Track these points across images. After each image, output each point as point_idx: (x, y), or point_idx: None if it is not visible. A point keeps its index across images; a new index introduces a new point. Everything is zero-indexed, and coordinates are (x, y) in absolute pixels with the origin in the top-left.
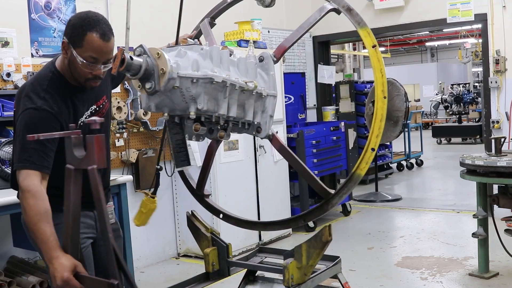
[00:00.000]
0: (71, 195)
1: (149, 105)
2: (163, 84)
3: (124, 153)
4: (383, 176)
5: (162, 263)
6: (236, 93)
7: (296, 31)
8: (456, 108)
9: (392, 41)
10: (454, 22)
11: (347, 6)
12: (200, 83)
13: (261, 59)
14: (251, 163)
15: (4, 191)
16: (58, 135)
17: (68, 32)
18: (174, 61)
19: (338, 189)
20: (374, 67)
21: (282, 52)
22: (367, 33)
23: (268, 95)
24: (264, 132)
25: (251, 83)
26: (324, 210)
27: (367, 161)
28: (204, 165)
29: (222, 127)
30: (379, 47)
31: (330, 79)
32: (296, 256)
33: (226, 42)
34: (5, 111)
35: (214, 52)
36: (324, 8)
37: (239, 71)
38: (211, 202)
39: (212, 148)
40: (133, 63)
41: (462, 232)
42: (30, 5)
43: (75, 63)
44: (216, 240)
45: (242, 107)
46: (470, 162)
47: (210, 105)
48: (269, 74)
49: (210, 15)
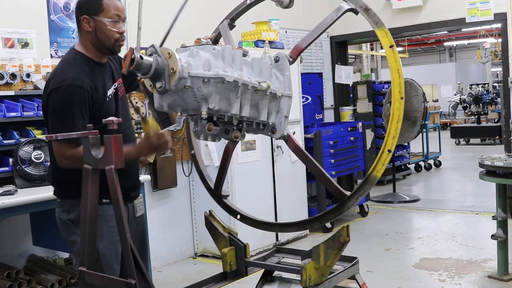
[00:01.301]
0: (88, 195)
1: (161, 105)
2: (174, 83)
3: None
4: (401, 177)
5: (180, 262)
6: (249, 93)
7: (313, 31)
8: (475, 109)
9: (410, 41)
10: (473, 21)
11: (365, 6)
12: (212, 82)
13: (276, 59)
14: (269, 164)
15: (24, 190)
16: (76, 135)
17: (84, 8)
18: (185, 61)
19: (354, 191)
20: (391, 67)
21: (298, 52)
22: (384, 33)
23: (283, 95)
24: (279, 132)
25: (264, 83)
26: (339, 212)
27: (384, 163)
28: (221, 166)
29: (237, 128)
30: (397, 47)
31: (347, 79)
32: (314, 257)
33: (243, 43)
34: (25, 111)
35: (226, 52)
36: (341, 8)
37: (252, 71)
38: (228, 203)
39: (228, 149)
40: (143, 62)
41: (481, 233)
42: (50, 6)
43: (102, 27)
44: (233, 240)
45: (256, 108)
46: (489, 163)
47: (222, 104)
48: (284, 75)
49: (229, 17)
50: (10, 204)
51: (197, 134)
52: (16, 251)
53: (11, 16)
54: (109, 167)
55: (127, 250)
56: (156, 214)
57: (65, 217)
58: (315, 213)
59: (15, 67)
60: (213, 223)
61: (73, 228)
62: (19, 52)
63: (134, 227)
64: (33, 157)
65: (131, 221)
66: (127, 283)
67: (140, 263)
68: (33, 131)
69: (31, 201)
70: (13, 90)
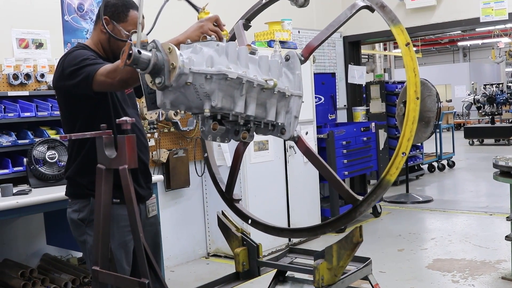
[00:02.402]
0: (102, 195)
1: (164, 102)
2: (174, 79)
3: (155, 153)
4: (414, 177)
5: (192, 262)
6: (255, 91)
7: (326, 29)
8: (489, 109)
9: (424, 40)
10: (488, 21)
11: (381, 3)
12: (214, 79)
13: (287, 58)
14: (281, 164)
15: (38, 190)
16: (90, 135)
17: (110, 10)
18: (187, 57)
19: (366, 196)
20: (407, 65)
21: (311, 51)
22: (400, 31)
23: (292, 95)
24: (289, 133)
25: (271, 81)
26: (352, 217)
27: (398, 166)
28: (232, 169)
29: (245, 128)
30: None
31: (360, 79)
32: (326, 257)
33: (256, 43)
34: (39, 111)
35: (230, 49)
36: (355, 6)
37: (260, 69)
38: (240, 207)
39: (239, 151)
40: (140, 57)
41: (494, 234)
42: (64, 7)
43: (117, 36)
44: (246, 240)
45: (263, 107)
46: (503, 164)
47: (226, 102)
48: (294, 74)
49: (245, 17)
50: (24, 204)
51: (205, 134)
52: (30, 250)
53: (25, 17)
54: (123, 167)
55: (140, 249)
56: (169, 214)
57: (76, 216)
58: (327, 214)
59: (29, 67)
60: (226, 223)
61: (83, 228)
62: (33, 53)
63: (147, 227)
64: (47, 157)
65: (144, 222)
66: (140, 282)
67: (153, 263)
68: (47, 131)
69: (45, 200)
70: (28, 90)
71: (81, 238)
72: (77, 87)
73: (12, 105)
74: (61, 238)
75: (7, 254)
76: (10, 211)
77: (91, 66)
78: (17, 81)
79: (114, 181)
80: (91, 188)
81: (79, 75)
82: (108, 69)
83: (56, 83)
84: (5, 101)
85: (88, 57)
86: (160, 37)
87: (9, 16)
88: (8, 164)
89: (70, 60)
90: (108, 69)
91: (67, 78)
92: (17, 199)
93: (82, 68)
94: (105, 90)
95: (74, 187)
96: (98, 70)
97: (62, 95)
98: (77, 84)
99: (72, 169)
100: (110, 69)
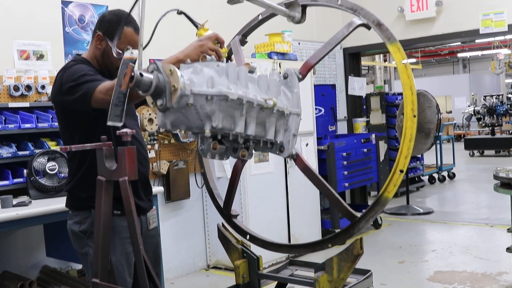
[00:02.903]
0: (102, 206)
1: (164, 123)
2: (175, 101)
3: (155, 165)
4: (415, 189)
5: (192, 274)
6: (255, 111)
7: (324, 47)
8: (489, 120)
9: (424, 52)
10: (487, 32)
11: (377, 21)
12: (215, 100)
13: (285, 76)
14: (281, 175)
15: (38, 202)
16: (90, 147)
17: (104, 26)
18: (188, 78)
19: (365, 213)
20: (404, 84)
21: (308, 69)
22: (397, 49)
23: (291, 113)
24: (287, 151)
25: (270, 101)
26: (350, 234)
27: (395, 184)
28: (230, 185)
29: (244, 146)
30: (410, 58)
31: (360, 90)
32: (327, 269)
33: (256, 54)
34: (40, 122)
35: (230, 69)
36: (352, 23)
37: (259, 88)
38: (238, 222)
39: (237, 168)
40: (142, 79)
41: (496, 246)
42: (65, 18)
43: (109, 53)
44: (246, 252)
45: (262, 126)
46: (504, 175)
47: (226, 123)
48: (292, 92)
49: (241, 33)
50: (24, 215)
51: (204, 153)
52: (30, 262)
53: (26, 28)
54: (123, 178)
55: (140, 262)
56: (169, 225)
57: (77, 228)
58: (328, 225)
59: (30, 79)
60: (226, 235)
61: (85, 240)
62: (34, 64)
63: (148, 239)
64: (47, 168)
65: (144, 234)
66: None
67: (153, 275)
68: (47, 142)
69: (45, 212)
70: (28, 102)
71: (83, 250)
72: (75, 103)
73: (13, 117)
74: (61, 250)
75: (7, 266)
76: (9, 222)
77: (90, 82)
78: (18, 93)
79: (115, 193)
80: (92, 201)
81: (78, 91)
82: (107, 87)
83: (54, 97)
84: (5, 112)
85: (86, 73)
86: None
87: (10, 28)
88: (8, 175)
89: (68, 75)
90: (108, 86)
91: (65, 93)
92: (17, 211)
93: (81, 84)
94: (104, 107)
95: (75, 200)
96: (97, 87)
97: (60, 109)
98: (75, 100)
99: (72, 183)
100: (109, 87)
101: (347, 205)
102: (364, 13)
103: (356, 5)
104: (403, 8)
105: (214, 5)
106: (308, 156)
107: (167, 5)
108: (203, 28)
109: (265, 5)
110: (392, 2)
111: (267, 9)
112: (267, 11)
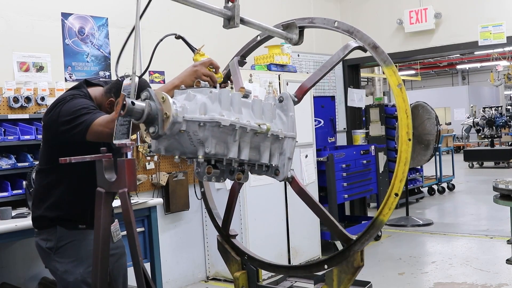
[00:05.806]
0: (101, 218)
1: (158, 148)
2: (167, 128)
3: (154, 176)
4: (414, 200)
5: (191, 286)
6: (248, 136)
7: (319, 70)
8: (488, 132)
9: (423, 64)
10: (486, 44)
11: (373, 44)
12: (207, 126)
13: (280, 99)
14: (281, 187)
15: None
16: (90, 159)
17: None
18: (181, 105)
19: (360, 236)
20: (399, 107)
21: (304, 92)
22: (392, 72)
23: (286, 136)
24: (282, 174)
25: (264, 126)
26: (345, 256)
27: (390, 207)
28: (228, 206)
29: (240, 169)
30: (409, 70)
31: (360, 102)
32: (327, 281)
33: (256, 66)
34: (39, 134)
35: (223, 95)
36: (348, 46)
37: (253, 113)
38: (236, 242)
39: (234, 189)
40: (134, 108)
41: (495, 258)
42: (65, 30)
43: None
44: (246, 264)
45: (257, 150)
46: (503, 187)
47: (219, 148)
48: (288, 116)
49: (240, 54)
50: (23, 227)
51: (200, 176)
52: (29, 273)
53: (26, 40)
54: (122, 190)
55: (140, 273)
56: (168, 237)
57: (44, 245)
58: (327, 237)
59: (30, 90)
60: (226, 246)
61: (52, 256)
62: (34, 76)
63: (113, 251)
64: None
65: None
66: None
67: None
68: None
69: None
70: (28, 113)
71: (50, 266)
72: (70, 133)
73: (12, 128)
74: None
75: (5, 278)
76: (8, 234)
77: (89, 114)
78: (18, 104)
79: (83, 205)
80: (58, 220)
81: (75, 121)
82: (106, 119)
83: (48, 123)
84: (5, 124)
85: (87, 106)
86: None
87: (10, 40)
88: (7, 187)
89: (69, 108)
90: (107, 119)
91: (61, 124)
92: (16, 222)
93: (79, 116)
94: (102, 139)
95: (42, 220)
96: (95, 119)
97: (51, 134)
98: (70, 130)
99: (42, 209)
100: (108, 119)
101: (342, 228)
102: (360, 35)
103: (353, 28)
104: (402, 20)
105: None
106: (308, 167)
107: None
108: (199, 53)
109: (262, 28)
110: (391, 14)
111: (264, 32)
112: (265, 33)
